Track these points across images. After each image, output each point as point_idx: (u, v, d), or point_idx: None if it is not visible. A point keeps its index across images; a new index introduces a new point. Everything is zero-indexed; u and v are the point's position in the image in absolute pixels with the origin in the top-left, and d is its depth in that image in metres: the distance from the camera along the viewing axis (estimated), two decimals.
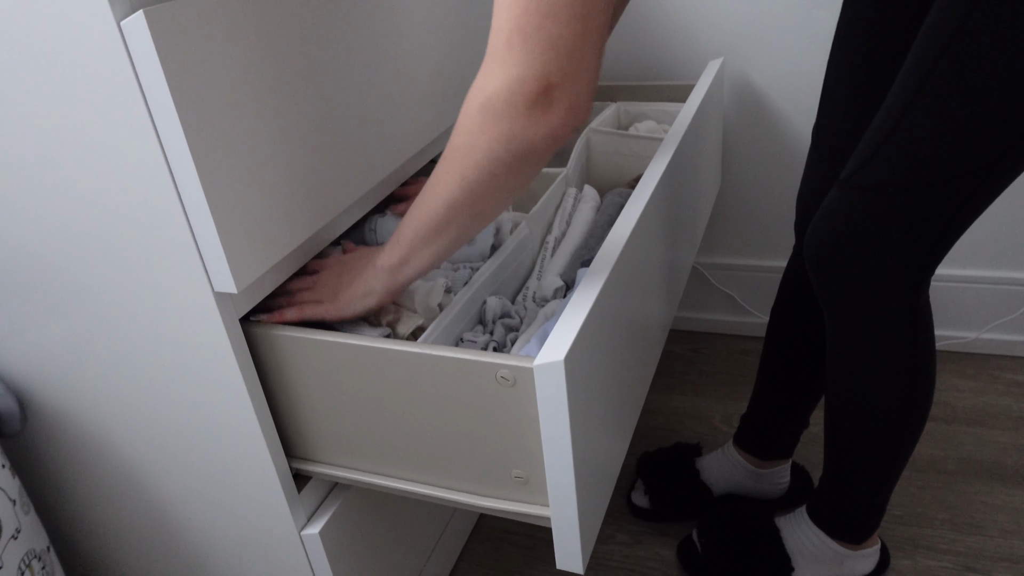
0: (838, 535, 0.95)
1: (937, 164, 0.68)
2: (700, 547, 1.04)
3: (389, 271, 0.66)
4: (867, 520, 0.93)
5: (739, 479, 1.11)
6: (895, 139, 0.69)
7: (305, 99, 0.64)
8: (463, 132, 0.56)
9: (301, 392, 0.66)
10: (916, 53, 0.67)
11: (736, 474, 1.11)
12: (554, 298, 0.83)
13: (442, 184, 0.59)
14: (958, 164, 0.67)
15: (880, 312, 0.78)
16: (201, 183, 0.54)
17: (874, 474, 0.88)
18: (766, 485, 1.10)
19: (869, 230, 0.73)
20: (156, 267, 0.59)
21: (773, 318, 1.02)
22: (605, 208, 0.95)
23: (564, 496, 0.58)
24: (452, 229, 0.62)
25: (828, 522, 0.95)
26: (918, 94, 0.67)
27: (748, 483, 1.10)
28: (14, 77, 0.54)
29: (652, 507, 1.13)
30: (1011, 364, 1.36)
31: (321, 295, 0.69)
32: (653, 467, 1.16)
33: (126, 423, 0.72)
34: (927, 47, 0.66)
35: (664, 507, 1.12)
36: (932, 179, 0.69)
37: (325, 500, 0.75)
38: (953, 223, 0.71)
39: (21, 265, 0.65)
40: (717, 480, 1.12)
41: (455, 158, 0.58)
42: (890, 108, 0.70)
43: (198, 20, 0.52)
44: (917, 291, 0.77)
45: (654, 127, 1.19)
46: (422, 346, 0.60)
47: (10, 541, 0.68)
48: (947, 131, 0.66)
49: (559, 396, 0.53)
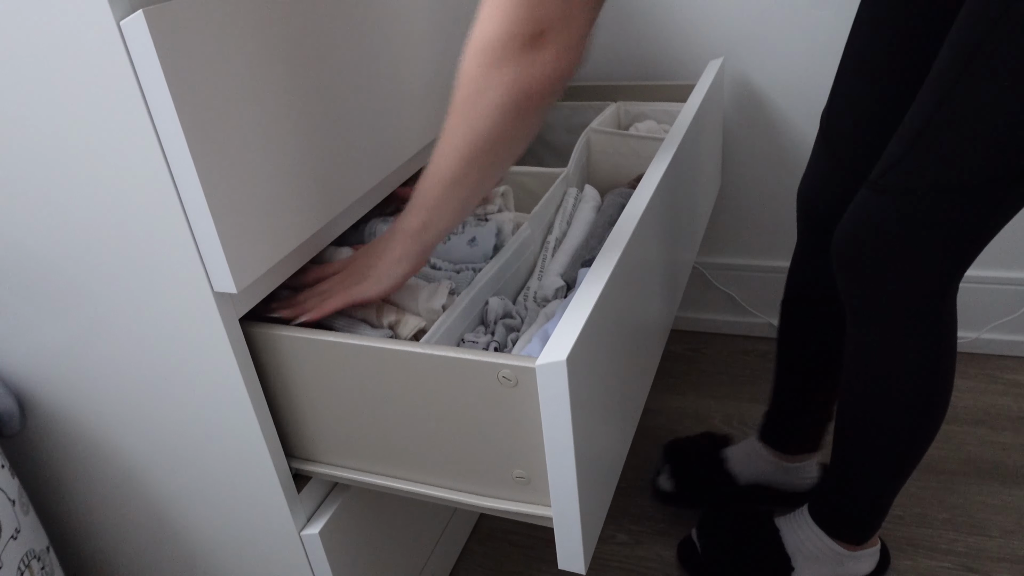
0: (839, 535, 0.94)
1: (969, 168, 0.66)
2: (700, 547, 1.04)
3: (414, 234, 0.67)
4: (870, 521, 0.92)
5: (766, 471, 1.10)
6: (926, 141, 0.68)
7: (305, 99, 0.64)
8: (465, 83, 0.58)
9: (301, 392, 0.66)
10: (948, 51, 0.65)
11: (762, 466, 1.10)
12: (555, 298, 0.83)
13: (452, 138, 0.61)
14: (991, 169, 0.65)
15: (905, 315, 0.77)
16: (201, 183, 0.54)
17: (883, 475, 0.87)
18: (794, 478, 1.10)
19: (898, 233, 0.72)
20: (156, 267, 0.59)
21: (784, 314, 1.02)
22: (606, 208, 0.95)
23: (566, 496, 0.58)
24: (469, 182, 0.63)
25: (830, 522, 0.95)
26: (949, 95, 0.65)
27: (776, 476, 1.10)
28: (13, 77, 0.54)
29: (677, 491, 1.14)
30: (1011, 364, 1.35)
31: (355, 278, 0.70)
32: (680, 453, 1.17)
33: (126, 423, 0.72)
34: (959, 45, 0.64)
35: (689, 492, 1.13)
36: (964, 184, 0.67)
37: (325, 500, 0.75)
38: (984, 229, 0.70)
39: (21, 265, 0.64)
40: (742, 471, 1.12)
41: (462, 110, 0.59)
42: (921, 108, 0.68)
43: (198, 20, 0.52)
44: (944, 297, 0.75)
45: (654, 127, 1.19)
46: (424, 346, 0.60)
47: (9, 541, 0.68)
48: (980, 134, 0.64)
49: (561, 396, 0.53)
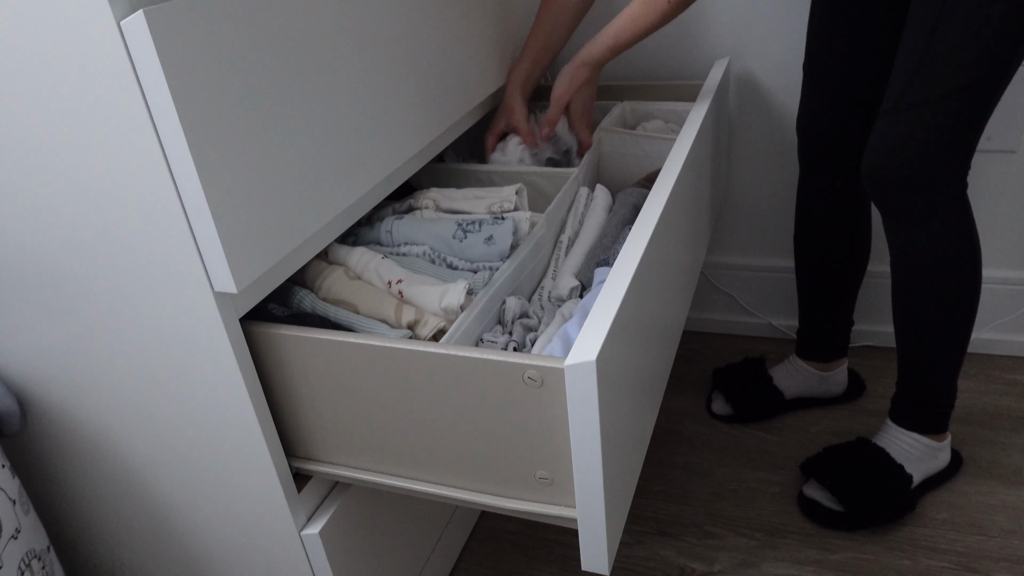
0: (929, 429, 1.07)
1: (971, 69, 0.82)
2: (829, 490, 1.09)
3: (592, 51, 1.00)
4: (947, 405, 1.06)
5: (807, 383, 1.28)
6: (931, 55, 0.84)
7: (305, 99, 0.64)
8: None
9: (303, 392, 0.66)
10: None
11: (804, 379, 1.28)
12: (569, 298, 0.83)
13: None
14: (987, 65, 0.82)
15: (939, 205, 0.91)
16: (201, 183, 0.54)
17: (949, 356, 1.01)
18: (830, 386, 1.29)
19: (924, 139, 0.87)
20: (156, 267, 0.59)
21: (798, 245, 1.20)
22: (617, 208, 0.95)
23: (592, 497, 0.58)
24: None
25: (919, 420, 1.07)
26: (943, 11, 0.81)
27: (815, 386, 1.28)
28: (14, 77, 0.54)
29: (735, 412, 1.30)
30: (1011, 364, 1.35)
31: None
32: (731, 378, 1.33)
33: (126, 423, 0.72)
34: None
35: (745, 411, 1.29)
36: (969, 83, 0.83)
37: (325, 500, 0.75)
38: (983, 118, 0.87)
39: (21, 265, 0.64)
40: (788, 385, 1.29)
41: None
42: (917, 29, 0.84)
43: (198, 20, 0.52)
44: (963, 181, 0.91)
45: (661, 126, 1.18)
46: (447, 347, 0.60)
47: (10, 541, 0.68)
48: (974, 37, 0.81)
49: (590, 396, 0.53)
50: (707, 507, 1.14)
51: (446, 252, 0.82)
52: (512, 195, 0.88)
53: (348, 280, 0.78)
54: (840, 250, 1.15)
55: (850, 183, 1.10)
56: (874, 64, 1.00)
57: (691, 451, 1.24)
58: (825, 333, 1.25)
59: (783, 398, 1.29)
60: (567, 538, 1.10)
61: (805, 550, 1.05)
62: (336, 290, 0.77)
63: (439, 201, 0.91)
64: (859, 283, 1.21)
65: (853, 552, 1.03)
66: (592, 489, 0.57)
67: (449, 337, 0.67)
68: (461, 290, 0.73)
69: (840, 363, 1.28)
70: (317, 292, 0.78)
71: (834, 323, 1.23)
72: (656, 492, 1.17)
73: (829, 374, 1.28)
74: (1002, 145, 1.21)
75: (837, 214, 1.13)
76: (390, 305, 0.74)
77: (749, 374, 1.32)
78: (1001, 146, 1.21)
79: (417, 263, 0.81)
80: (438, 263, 0.82)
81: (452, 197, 0.91)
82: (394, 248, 0.85)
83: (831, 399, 1.30)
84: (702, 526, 1.11)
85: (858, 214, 1.13)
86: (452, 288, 0.74)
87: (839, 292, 1.20)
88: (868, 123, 1.02)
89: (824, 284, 1.20)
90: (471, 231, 0.82)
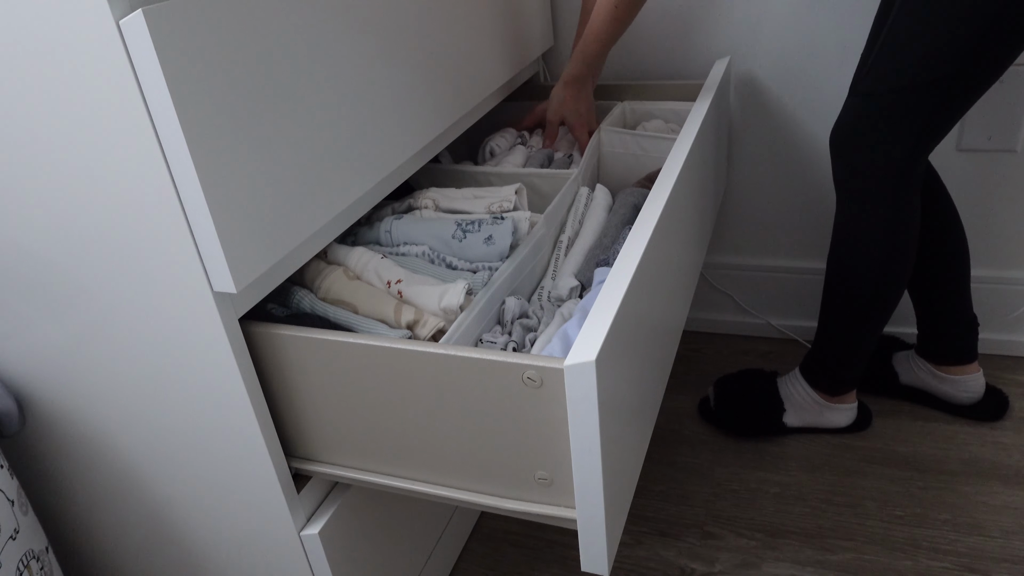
0: (819, 386, 1.17)
1: (910, 72, 0.86)
2: (712, 398, 1.25)
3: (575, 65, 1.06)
4: (841, 374, 1.14)
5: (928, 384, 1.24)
6: (880, 52, 0.89)
7: (304, 98, 0.64)
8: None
9: (302, 392, 0.66)
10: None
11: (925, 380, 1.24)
12: (569, 298, 0.82)
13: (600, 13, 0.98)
14: (928, 72, 0.85)
15: (870, 194, 0.98)
16: (200, 183, 0.53)
17: (850, 331, 1.08)
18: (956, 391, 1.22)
19: (863, 127, 0.95)
20: (155, 267, 0.59)
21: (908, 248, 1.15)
22: (618, 208, 0.95)
23: (591, 498, 0.58)
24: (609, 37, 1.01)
25: (811, 374, 1.18)
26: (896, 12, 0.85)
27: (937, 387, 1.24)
28: (13, 76, 0.54)
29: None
30: (1011, 364, 1.35)
31: None
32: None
33: (125, 423, 0.72)
34: None
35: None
36: (907, 85, 0.87)
37: (325, 500, 0.75)
38: (929, 126, 0.90)
39: (20, 265, 0.64)
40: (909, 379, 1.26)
41: None
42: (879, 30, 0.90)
43: (197, 19, 0.52)
44: (902, 178, 0.95)
45: (661, 126, 1.18)
46: (447, 347, 0.60)
47: (8, 541, 0.68)
48: (916, 42, 0.84)
49: (590, 396, 0.53)
50: (707, 507, 1.14)
51: (445, 252, 0.82)
52: (511, 195, 0.88)
53: (347, 280, 0.78)
54: (934, 245, 1.12)
55: (928, 175, 1.09)
56: None
57: (691, 451, 1.24)
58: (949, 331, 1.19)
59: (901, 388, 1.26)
60: (567, 538, 1.10)
61: (805, 550, 1.05)
62: (335, 290, 0.77)
63: (438, 201, 0.91)
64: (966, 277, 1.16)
65: (854, 552, 1.03)
66: (592, 489, 0.57)
67: (448, 337, 0.67)
68: (460, 290, 0.73)
69: (966, 367, 1.21)
70: (316, 292, 0.78)
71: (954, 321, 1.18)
72: (656, 492, 1.17)
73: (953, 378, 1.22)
74: (1002, 145, 1.21)
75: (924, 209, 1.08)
76: (389, 305, 0.74)
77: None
78: (1001, 146, 1.21)
79: (416, 263, 0.81)
80: (437, 263, 0.82)
81: (451, 197, 0.91)
82: (393, 248, 0.84)
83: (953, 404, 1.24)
84: (702, 526, 1.11)
85: (944, 206, 1.11)
86: (451, 288, 0.73)
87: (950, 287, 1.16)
88: None
89: (932, 282, 1.16)
90: (470, 231, 0.82)
